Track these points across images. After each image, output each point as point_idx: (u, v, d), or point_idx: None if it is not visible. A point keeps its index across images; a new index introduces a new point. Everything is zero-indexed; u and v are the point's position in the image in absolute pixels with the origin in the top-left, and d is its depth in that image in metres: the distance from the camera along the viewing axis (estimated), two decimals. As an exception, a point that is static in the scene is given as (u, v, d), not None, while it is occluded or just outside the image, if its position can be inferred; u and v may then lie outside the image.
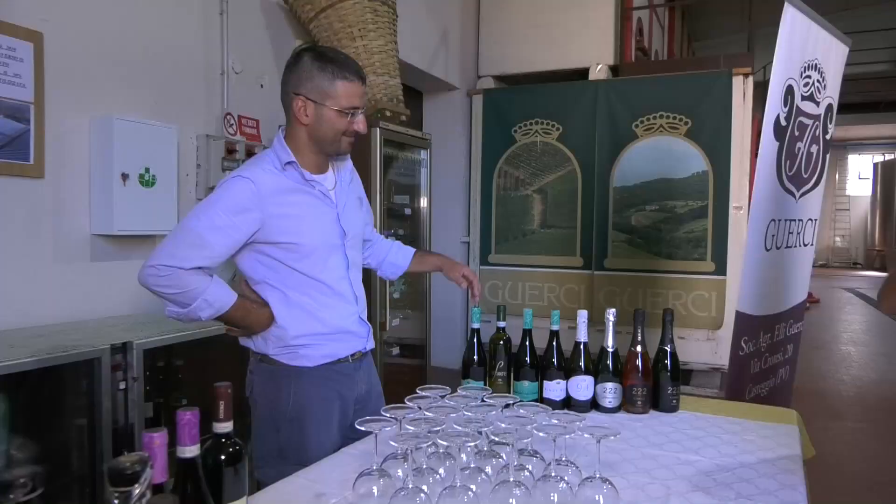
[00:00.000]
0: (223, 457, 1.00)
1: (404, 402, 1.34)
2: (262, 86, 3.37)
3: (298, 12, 3.39)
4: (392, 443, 1.13)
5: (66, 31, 2.42)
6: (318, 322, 1.69)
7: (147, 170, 2.60)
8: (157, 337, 2.17)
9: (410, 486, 1.11)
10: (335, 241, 1.70)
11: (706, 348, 4.52)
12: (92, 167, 2.51)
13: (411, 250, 2.06)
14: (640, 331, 1.81)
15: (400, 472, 1.20)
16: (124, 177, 2.51)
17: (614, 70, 5.32)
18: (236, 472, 1.01)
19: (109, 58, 2.58)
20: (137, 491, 0.72)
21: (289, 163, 1.64)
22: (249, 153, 3.09)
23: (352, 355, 1.76)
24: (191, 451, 0.91)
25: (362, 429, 1.18)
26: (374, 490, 1.17)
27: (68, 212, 2.46)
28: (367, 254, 1.97)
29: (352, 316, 1.76)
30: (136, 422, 2.07)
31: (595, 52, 5.29)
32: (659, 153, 4.60)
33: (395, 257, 2.03)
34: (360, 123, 1.65)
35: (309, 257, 1.65)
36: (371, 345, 1.84)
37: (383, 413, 1.24)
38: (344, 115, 1.62)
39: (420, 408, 1.30)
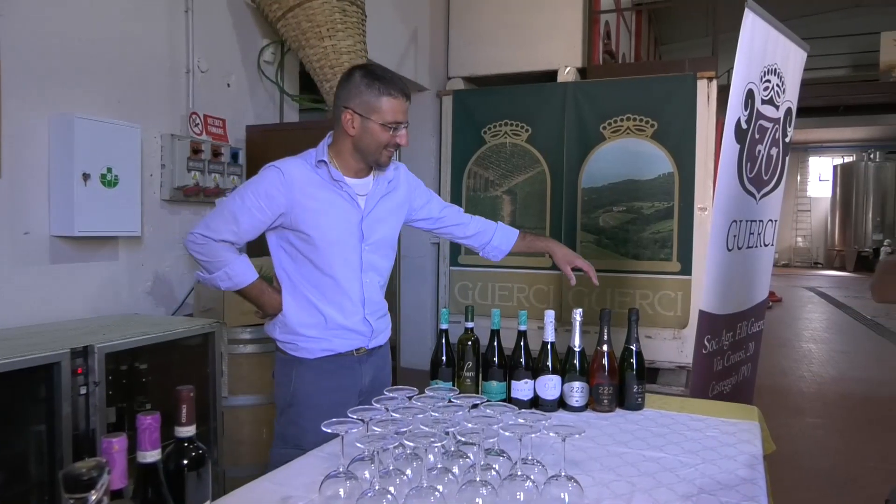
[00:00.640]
0: (185, 461, 0.99)
1: (371, 404, 1.33)
2: (228, 85, 3.32)
3: (266, 11, 3.36)
4: (359, 444, 1.13)
5: (24, 25, 2.36)
6: (321, 316, 1.82)
7: (109, 170, 2.55)
8: (119, 340, 2.13)
9: (377, 487, 1.11)
10: (352, 242, 1.82)
11: (672, 347, 4.59)
12: (52, 167, 2.45)
13: (515, 233, 2.15)
14: (605, 330, 1.83)
15: (367, 474, 1.20)
16: (85, 177, 2.45)
17: (582, 72, 5.38)
18: (199, 477, 1.00)
19: (70, 54, 2.52)
20: (94, 497, 0.70)
21: (321, 161, 1.78)
22: (216, 153, 3.05)
23: (356, 350, 1.86)
24: (151, 455, 0.89)
25: (328, 430, 1.17)
26: (341, 492, 1.16)
27: (27, 212, 2.40)
28: (465, 235, 2.11)
29: (355, 315, 1.85)
30: (98, 427, 2.02)
31: (563, 55, 5.35)
32: (626, 155, 4.67)
33: (500, 241, 2.13)
34: (402, 137, 1.78)
35: (322, 251, 1.78)
36: (379, 342, 1.94)
37: (350, 415, 1.24)
38: (387, 128, 1.75)
39: (387, 409, 1.30)
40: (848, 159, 18.14)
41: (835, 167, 18.17)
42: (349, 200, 1.81)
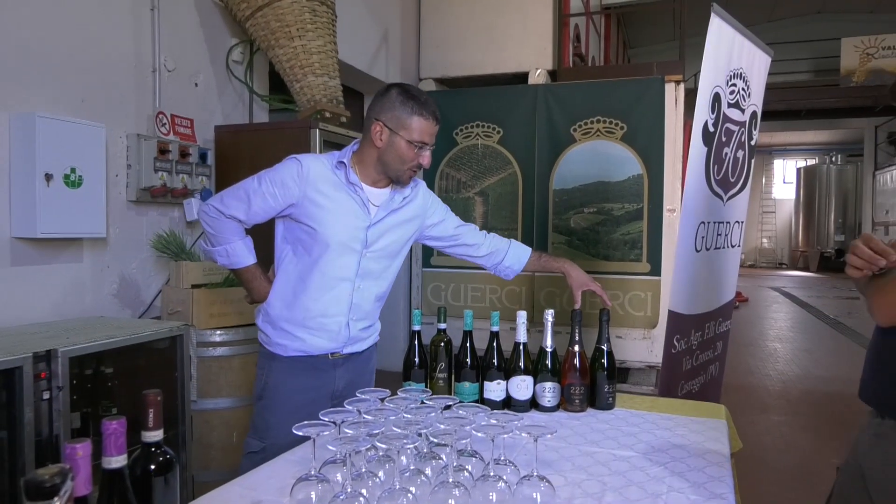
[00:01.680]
0: (153, 466, 0.97)
1: (343, 406, 1.33)
2: (196, 84, 3.28)
3: (234, 10, 3.32)
4: (331, 447, 1.12)
5: (-16, 23, 2.30)
6: (302, 310, 1.85)
7: (73, 170, 2.49)
8: (84, 344, 2.08)
9: (349, 490, 1.10)
10: (354, 246, 1.84)
11: (642, 347, 4.65)
12: (12, 167, 2.39)
13: (527, 253, 2.14)
14: (577, 330, 1.85)
15: (339, 477, 1.19)
16: (48, 177, 2.39)
17: (553, 75, 5.42)
18: (167, 482, 0.98)
19: (31, 53, 2.46)
20: (57, 505, 0.69)
21: (340, 162, 1.83)
22: (183, 153, 3.00)
23: (330, 354, 1.88)
24: (117, 461, 0.87)
25: (300, 433, 1.16)
26: (313, 496, 1.15)
27: (-14, 214, 2.33)
28: (477, 255, 2.11)
29: (338, 317, 1.86)
30: (62, 433, 1.97)
31: (534, 57, 5.38)
32: (596, 156, 4.71)
33: (511, 262, 2.13)
34: (425, 158, 1.83)
35: (322, 248, 1.81)
36: (357, 349, 1.95)
37: (322, 417, 1.23)
38: (413, 146, 1.79)
39: (359, 411, 1.29)
40: (811, 162, 18.61)
41: (798, 169, 18.61)
42: (360, 205, 1.84)
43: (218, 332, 2.70)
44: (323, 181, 1.81)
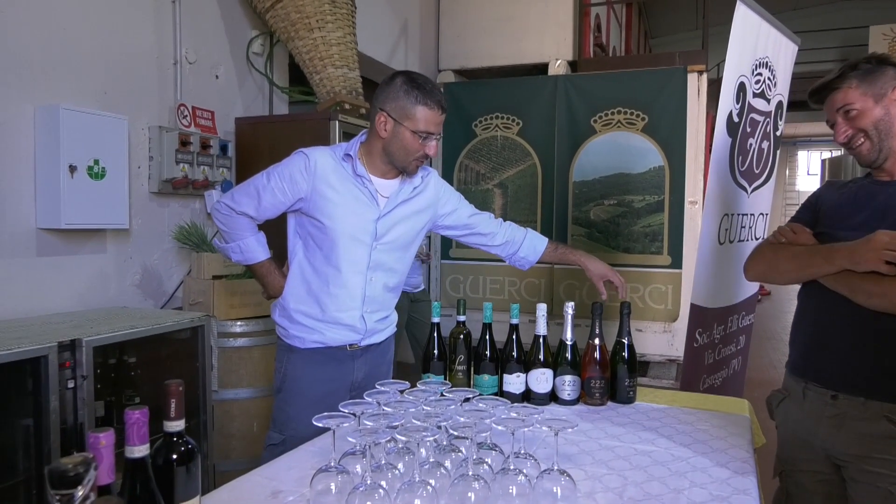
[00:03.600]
0: (175, 456, 0.98)
1: (363, 398, 1.33)
2: (217, 76, 3.29)
3: (254, 2, 3.32)
4: (350, 439, 1.12)
5: (8, 16, 2.32)
6: (318, 306, 1.85)
7: (96, 162, 2.51)
8: (108, 334, 2.11)
9: (369, 482, 1.10)
10: (363, 238, 1.84)
11: (663, 340, 4.61)
12: (38, 158, 2.42)
13: (543, 243, 2.11)
14: (597, 324, 1.83)
15: (358, 469, 1.19)
16: (72, 169, 2.42)
17: (573, 65, 5.37)
18: (188, 472, 0.99)
19: (56, 44, 2.48)
20: (80, 493, 0.69)
21: (347, 155, 1.83)
22: (204, 146, 3.02)
23: (349, 345, 1.88)
24: (140, 450, 0.88)
25: (320, 425, 1.16)
26: (332, 487, 1.15)
27: (12, 204, 2.36)
28: (492, 244, 2.08)
29: (353, 311, 1.86)
30: (86, 421, 2.00)
31: (554, 48, 5.33)
32: (617, 148, 4.66)
33: (527, 252, 2.10)
34: (431, 148, 1.80)
35: (333, 241, 1.81)
36: (376, 340, 1.95)
37: (342, 408, 1.23)
38: (418, 137, 1.76)
39: (379, 403, 1.29)
40: (836, 153, 18.27)
41: (823, 161, 18.24)
42: (369, 197, 1.83)
43: (238, 322, 2.72)
44: (331, 174, 1.81)
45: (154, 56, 2.93)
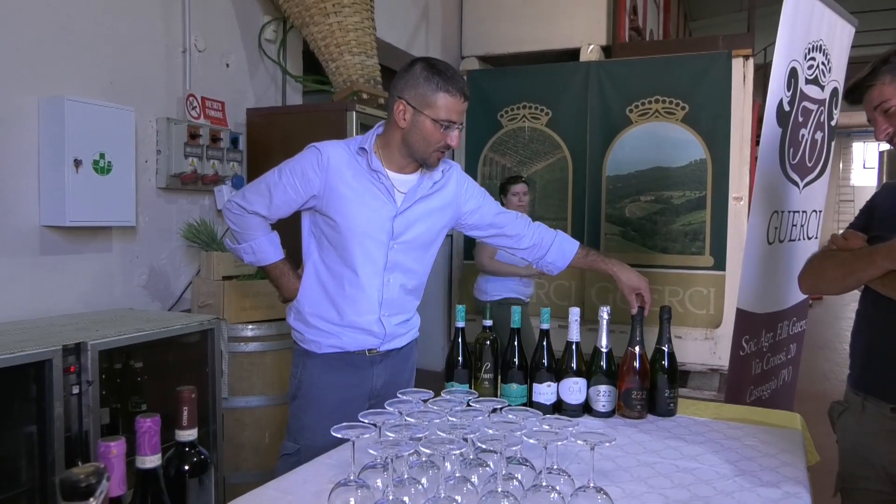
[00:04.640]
0: (187, 467, 0.99)
1: (384, 407, 1.33)
2: (227, 65, 3.32)
3: (267, -15, 3.35)
4: (371, 451, 1.12)
5: (10, 4, 2.37)
6: (334, 310, 1.87)
7: (102, 156, 2.55)
8: (113, 337, 2.14)
9: (391, 497, 1.11)
10: (379, 237, 1.83)
11: (704, 348, 4.56)
12: (41, 152, 2.46)
13: (574, 248, 2.06)
14: (638, 330, 1.82)
15: (379, 483, 1.20)
16: (77, 163, 2.46)
17: (607, 51, 5.33)
18: (201, 483, 1.00)
19: (59, 33, 2.53)
20: (93, 506, 0.70)
21: (362, 149, 1.82)
22: (214, 138, 3.05)
23: (367, 350, 1.89)
24: (151, 461, 0.89)
25: (338, 436, 1.17)
26: (352, 502, 1.16)
27: (14, 201, 2.41)
28: (518, 247, 2.06)
29: (370, 314, 1.87)
30: (91, 429, 2.03)
31: (586, 32, 5.30)
32: (654, 140, 4.63)
33: (555, 257, 2.06)
34: (453, 138, 1.78)
35: (347, 240, 1.82)
36: (396, 345, 1.95)
37: (361, 419, 1.23)
38: (439, 126, 1.75)
39: (401, 413, 1.30)
40: None
41: (881, 153, 17.92)
42: (385, 193, 1.83)
43: (250, 326, 2.75)
44: (345, 169, 1.81)
45: (161, 44, 2.97)
